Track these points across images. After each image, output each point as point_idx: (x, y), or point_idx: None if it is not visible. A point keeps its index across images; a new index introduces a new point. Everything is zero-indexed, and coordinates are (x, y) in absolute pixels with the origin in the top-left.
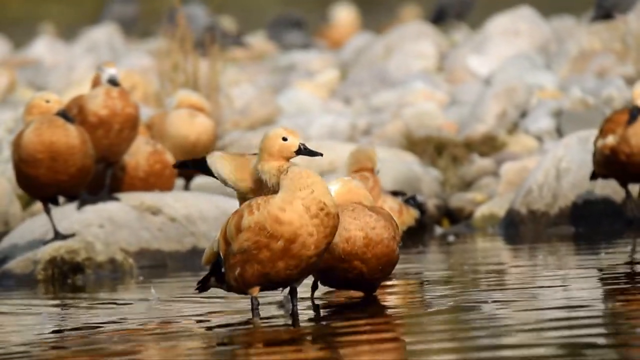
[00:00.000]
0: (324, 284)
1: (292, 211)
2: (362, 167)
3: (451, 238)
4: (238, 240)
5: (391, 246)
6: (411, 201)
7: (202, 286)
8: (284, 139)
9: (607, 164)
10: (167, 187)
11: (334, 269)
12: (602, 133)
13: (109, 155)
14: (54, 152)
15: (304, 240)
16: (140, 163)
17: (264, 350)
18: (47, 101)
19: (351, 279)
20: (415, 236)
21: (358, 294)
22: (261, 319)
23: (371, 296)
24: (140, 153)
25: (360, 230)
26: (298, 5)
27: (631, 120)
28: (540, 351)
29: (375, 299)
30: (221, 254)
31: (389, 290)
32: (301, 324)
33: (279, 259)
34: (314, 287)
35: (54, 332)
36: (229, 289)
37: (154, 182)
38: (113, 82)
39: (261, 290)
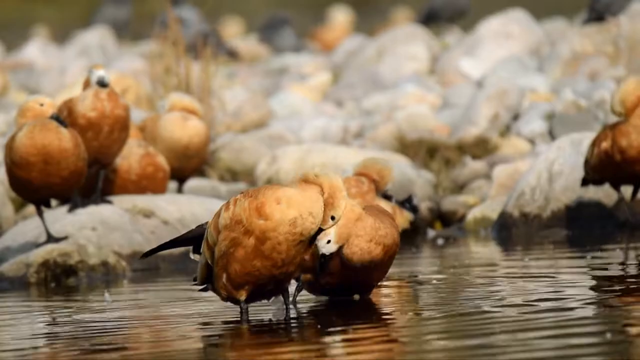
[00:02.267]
0: (321, 293)
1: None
2: (366, 175)
3: (440, 241)
4: (218, 243)
5: (396, 239)
6: (406, 204)
7: (201, 284)
8: None
9: (603, 166)
10: (159, 190)
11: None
12: (597, 143)
13: (100, 157)
14: (46, 156)
15: (273, 246)
16: (132, 166)
17: (254, 352)
18: (41, 104)
19: (356, 278)
20: (407, 239)
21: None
22: (250, 321)
23: (366, 298)
24: (132, 156)
25: (371, 241)
26: (292, 7)
27: None
28: (533, 353)
29: (368, 302)
30: (210, 262)
31: (381, 292)
32: (292, 325)
33: (253, 258)
34: (299, 289)
35: (46, 334)
36: (222, 298)
37: (146, 185)
38: (101, 83)
39: (251, 299)
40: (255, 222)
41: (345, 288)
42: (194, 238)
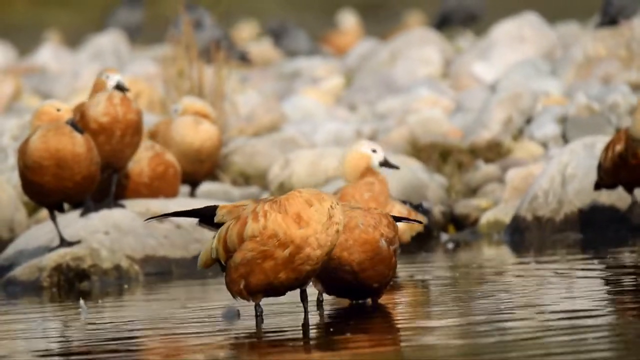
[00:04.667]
0: (329, 293)
1: (318, 211)
2: (362, 173)
3: (450, 245)
4: (241, 250)
5: (371, 233)
6: (420, 208)
7: (201, 268)
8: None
9: (616, 170)
10: (172, 187)
11: (328, 270)
12: (611, 146)
13: (113, 161)
14: (59, 160)
15: (309, 253)
16: (144, 169)
17: (267, 356)
18: (58, 109)
19: (346, 280)
20: (420, 242)
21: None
22: (265, 326)
23: (376, 303)
24: (142, 159)
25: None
26: (305, 11)
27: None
28: (546, 358)
29: (380, 307)
30: (222, 262)
31: (393, 297)
32: (306, 329)
33: (281, 270)
34: (319, 301)
35: (59, 339)
36: (233, 296)
37: (159, 185)
38: (121, 87)
39: (266, 296)
40: (294, 232)
41: (336, 288)
42: (200, 214)
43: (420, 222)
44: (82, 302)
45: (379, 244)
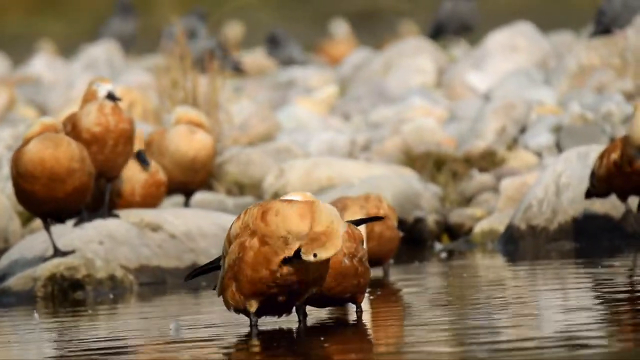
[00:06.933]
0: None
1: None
2: None
3: (443, 255)
4: (229, 253)
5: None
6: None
7: (219, 294)
8: None
9: (611, 177)
10: (159, 201)
11: None
12: (605, 155)
13: (106, 170)
14: (52, 170)
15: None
16: (135, 188)
17: None
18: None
19: (315, 297)
20: (413, 252)
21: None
22: (260, 336)
23: (360, 310)
24: (134, 179)
25: None
26: (298, 21)
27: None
28: None
29: (367, 318)
30: None
31: (383, 307)
32: (300, 341)
33: (261, 262)
34: (304, 312)
35: (55, 350)
36: (232, 310)
37: (150, 202)
38: (112, 97)
39: (262, 312)
40: (259, 224)
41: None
42: None
43: (381, 218)
44: (36, 315)
45: (342, 264)
